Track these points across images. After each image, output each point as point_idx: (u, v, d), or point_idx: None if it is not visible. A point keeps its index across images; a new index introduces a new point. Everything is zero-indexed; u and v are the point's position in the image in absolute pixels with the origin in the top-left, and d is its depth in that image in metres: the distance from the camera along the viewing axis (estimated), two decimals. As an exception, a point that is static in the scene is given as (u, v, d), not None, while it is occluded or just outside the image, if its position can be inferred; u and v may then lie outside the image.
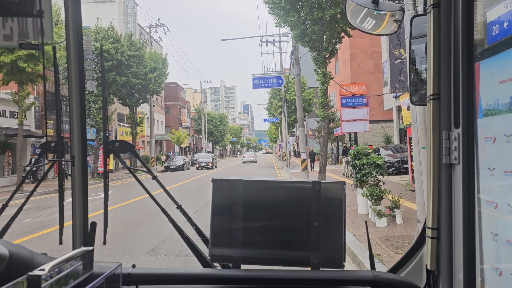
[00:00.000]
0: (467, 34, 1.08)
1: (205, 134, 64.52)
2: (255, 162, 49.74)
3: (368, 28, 1.63)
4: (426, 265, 1.23)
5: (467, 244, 1.08)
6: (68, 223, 1.43)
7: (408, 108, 20.10)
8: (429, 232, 1.21)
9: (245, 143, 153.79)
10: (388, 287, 1.27)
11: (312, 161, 27.53)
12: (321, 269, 1.36)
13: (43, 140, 26.09)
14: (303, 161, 17.74)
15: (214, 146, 76.60)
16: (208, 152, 79.73)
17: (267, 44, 32.38)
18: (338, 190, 1.39)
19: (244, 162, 50.57)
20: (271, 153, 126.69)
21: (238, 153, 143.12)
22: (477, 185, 1.09)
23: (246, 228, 1.41)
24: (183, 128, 61.95)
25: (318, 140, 49.86)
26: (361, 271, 1.34)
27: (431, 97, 1.17)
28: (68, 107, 1.41)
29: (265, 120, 36.77)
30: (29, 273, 0.79)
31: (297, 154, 70.06)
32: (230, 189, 1.44)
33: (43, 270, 0.81)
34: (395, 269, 1.44)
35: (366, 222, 1.63)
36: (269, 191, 1.47)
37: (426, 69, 1.23)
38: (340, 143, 34.05)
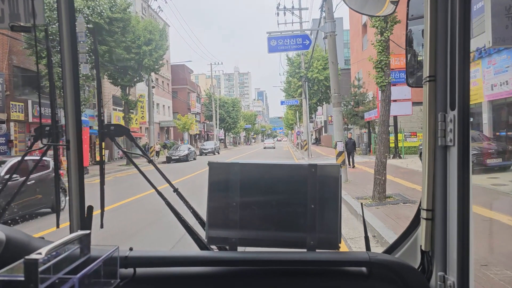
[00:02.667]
0: (464, 15, 1.08)
1: (216, 120, 59.70)
2: (274, 148, 57.73)
3: (366, 11, 1.62)
4: (421, 246, 1.25)
5: (461, 225, 1.10)
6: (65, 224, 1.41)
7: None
8: (423, 214, 1.22)
9: (260, 130, 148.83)
10: (383, 267, 1.28)
11: (350, 153, 18.27)
12: (317, 250, 1.36)
13: (5, 126, 20.25)
14: (340, 154, 12.62)
15: (227, 133, 71.69)
16: (221, 140, 75.38)
17: (284, 13, 27.04)
18: (334, 172, 1.39)
19: (264, 148, 58.22)
20: (280, 140, 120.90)
21: (253, 140, 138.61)
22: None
23: (242, 210, 1.40)
24: (192, 114, 57.21)
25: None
26: (356, 252, 1.36)
27: (427, 79, 1.17)
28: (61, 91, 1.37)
29: (282, 103, 31.33)
30: (26, 257, 0.79)
31: (317, 142, 64.71)
32: (226, 171, 1.42)
33: (40, 254, 0.81)
34: (390, 250, 1.46)
35: (362, 204, 1.70)
36: (266, 173, 1.44)
37: (423, 51, 1.23)
38: (371, 129, 28.64)
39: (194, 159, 32.47)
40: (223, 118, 64.91)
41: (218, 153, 44.59)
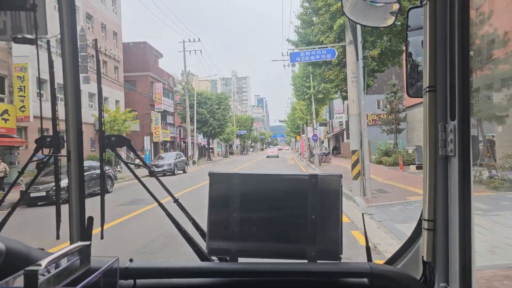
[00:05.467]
0: (462, 26, 1.09)
1: (191, 121, 42.27)
2: (277, 156, 52.28)
3: (368, 22, 1.66)
4: (423, 256, 1.24)
5: (462, 236, 1.10)
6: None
7: None
8: (425, 224, 1.21)
9: (259, 138, 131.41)
10: (384, 278, 1.28)
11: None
12: (318, 261, 1.35)
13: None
14: None
15: (211, 140, 53.85)
16: (211, 148, 58.11)
17: None
18: (334, 182, 1.38)
19: (267, 156, 52.24)
20: (282, 149, 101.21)
21: (251, 149, 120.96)
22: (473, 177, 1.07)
23: (243, 221, 1.40)
24: (157, 112, 39.88)
25: (387, 128, 26.57)
26: (358, 263, 1.35)
27: (427, 89, 1.17)
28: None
29: (293, 58, 13.01)
30: (26, 269, 0.79)
31: (335, 151, 46.91)
32: (227, 182, 1.42)
33: (40, 265, 0.81)
34: (391, 261, 1.45)
35: (363, 214, 1.88)
36: (266, 184, 1.44)
37: (423, 61, 1.22)
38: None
39: (109, 191, 15.31)
40: (204, 120, 47.39)
41: (184, 171, 27.23)
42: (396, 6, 1.49)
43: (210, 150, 78.76)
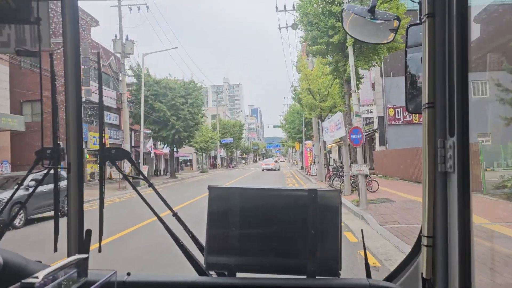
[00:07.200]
0: (461, 43, 1.10)
1: (134, 117, 27.23)
2: (275, 170, 44.52)
3: (368, 39, 1.66)
4: (422, 273, 1.24)
5: (462, 252, 1.10)
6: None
7: None
8: (424, 241, 1.21)
9: (251, 149, 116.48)
10: None
11: None
12: (317, 277, 1.34)
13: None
14: None
15: (176, 149, 38.21)
16: (189, 161, 41.86)
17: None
18: (334, 198, 1.38)
19: (263, 169, 45.01)
20: (277, 161, 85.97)
21: (242, 161, 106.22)
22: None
23: (242, 236, 1.40)
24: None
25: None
26: (356, 279, 1.34)
27: (426, 105, 1.18)
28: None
29: None
30: (23, 281, 0.80)
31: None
32: (226, 196, 1.43)
33: (37, 277, 0.81)
34: (391, 277, 1.44)
35: (362, 230, 1.67)
36: (266, 199, 1.45)
37: (422, 78, 1.24)
38: None
39: None
40: (164, 119, 32.31)
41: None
42: (396, 23, 1.52)
43: (188, 163, 63.55)
